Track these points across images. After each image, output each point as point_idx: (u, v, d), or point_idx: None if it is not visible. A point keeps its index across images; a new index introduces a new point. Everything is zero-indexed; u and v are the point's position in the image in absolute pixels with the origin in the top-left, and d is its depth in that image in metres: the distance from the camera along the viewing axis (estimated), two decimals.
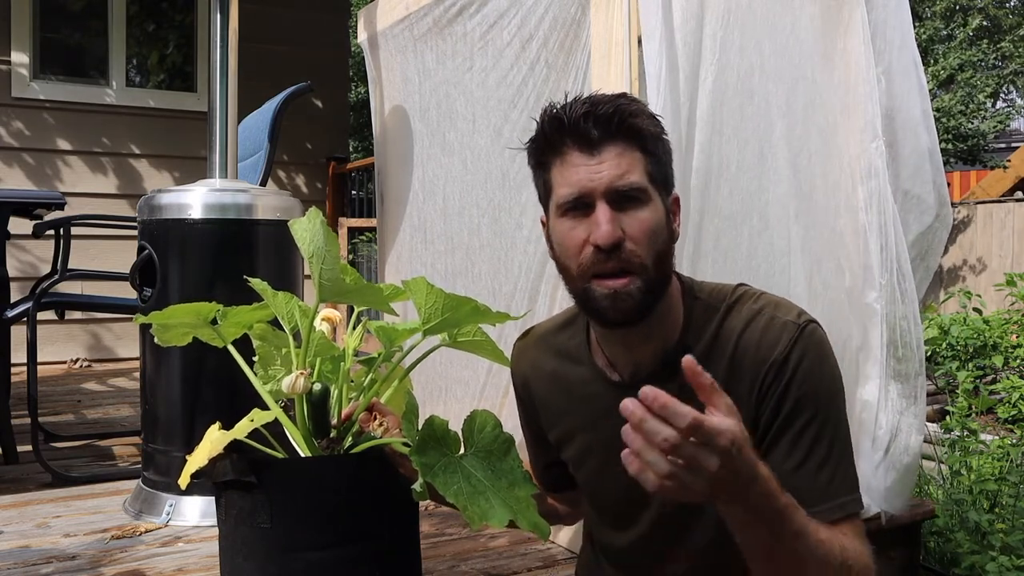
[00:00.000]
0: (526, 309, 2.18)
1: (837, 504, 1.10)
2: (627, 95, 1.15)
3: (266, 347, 1.38)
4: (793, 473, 1.10)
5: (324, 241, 1.21)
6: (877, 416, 1.91)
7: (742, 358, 1.14)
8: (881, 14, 1.96)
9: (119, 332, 4.84)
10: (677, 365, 1.15)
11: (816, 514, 1.08)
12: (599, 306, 1.12)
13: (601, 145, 1.10)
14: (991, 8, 12.76)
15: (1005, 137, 14.10)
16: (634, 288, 1.09)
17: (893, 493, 1.94)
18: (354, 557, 1.26)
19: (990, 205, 9.18)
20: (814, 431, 1.11)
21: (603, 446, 1.25)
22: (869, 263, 1.87)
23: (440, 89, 2.68)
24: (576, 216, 1.12)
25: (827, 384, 1.14)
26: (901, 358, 1.90)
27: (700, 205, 1.86)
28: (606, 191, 1.09)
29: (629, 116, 1.11)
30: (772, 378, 1.12)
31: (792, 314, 1.15)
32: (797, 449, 1.11)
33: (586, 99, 1.13)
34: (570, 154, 1.12)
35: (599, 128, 1.10)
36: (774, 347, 1.12)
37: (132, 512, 2.26)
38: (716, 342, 1.16)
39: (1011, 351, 5.27)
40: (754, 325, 1.15)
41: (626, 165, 1.10)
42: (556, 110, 1.13)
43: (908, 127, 1.97)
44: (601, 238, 1.08)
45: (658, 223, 1.12)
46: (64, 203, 2.85)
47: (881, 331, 1.87)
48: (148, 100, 5.06)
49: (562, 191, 1.13)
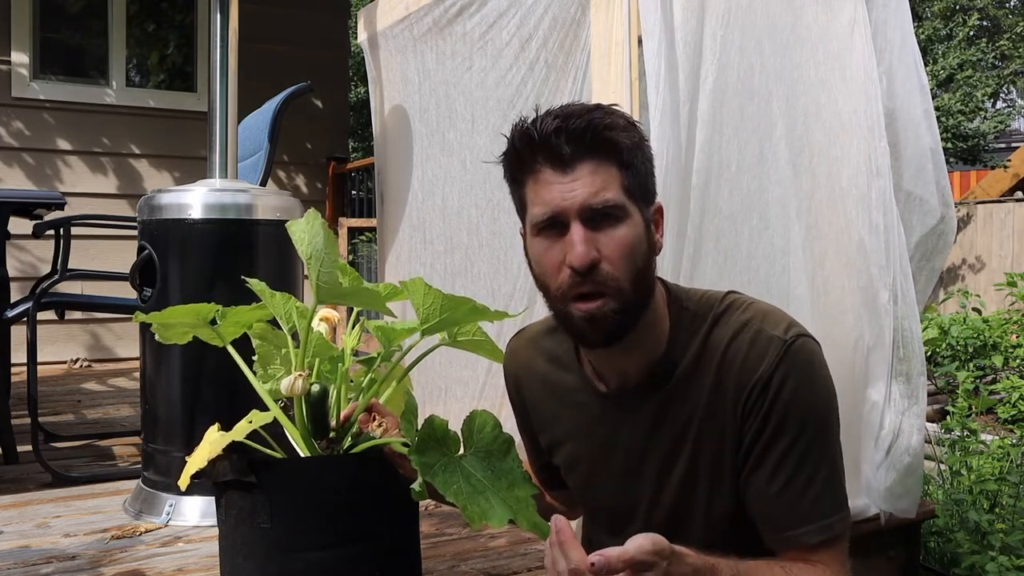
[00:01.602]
0: (524, 308, 2.18)
1: (821, 526, 1.09)
2: (601, 106, 1.10)
3: (265, 346, 1.38)
4: (776, 497, 1.09)
5: (322, 243, 1.20)
6: (882, 416, 1.90)
7: (728, 372, 1.12)
8: (881, 14, 1.96)
9: (119, 332, 4.84)
10: (662, 377, 1.15)
11: (799, 536, 1.09)
12: (577, 328, 1.10)
13: (574, 162, 1.06)
14: (990, 8, 12.75)
15: (1005, 137, 14.09)
16: (609, 310, 1.07)
17: (895, 494, 1.94)
18: (354, 557, 1.26)
19: (990, 205, 9.18)
20: (799, 452, 1.09)
21: (591, 455, 1.25)
22: (882, 262, 1.87)
23: (440, 89, 2.68)
24: (551, 236, 1.08)
25: (815, 403, 1.11)
26: (903, 358, 1.90)
27: (701, 205, 1.86)
28: (580, 210, 1.05)
29: (603, 130, 1.06)
30: (756, 396, 1.09)
31: (780, 328, 1.12)
32: (780, 471, 1.09)
33: (557, 113, 1.08)
34: (542, 172, 1.08)
35: (571, 144, 1.06)
36: (759, 365, 1.10)
37: (132, 512, 2.26)
38: (704, 353, 1.14)
39: (1011, 351, 5.27)
40: (740, 339, 1.12)
41: (600, 182, 1.06)
42: (526, 126, 1.09)
43: (910, 127, 1.97)
44: (576, 260, 1.05)
45: (636, 239, 1.08)
46: (64, 203, 2.85)
47: (891, 331, 1.88)
48: (148, 100, 5.06)
49: (536, 210, 1.09)
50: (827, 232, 1.95)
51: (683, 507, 1.18)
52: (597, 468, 1.24)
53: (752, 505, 1.13)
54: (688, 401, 1.15)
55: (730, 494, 1.15)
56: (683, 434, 1.15)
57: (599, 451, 1.23)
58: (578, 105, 1.10)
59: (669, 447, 1.16)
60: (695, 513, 1.17)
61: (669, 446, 1.16)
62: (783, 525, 1.10)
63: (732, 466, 1.14)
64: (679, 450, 1.16)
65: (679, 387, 1.15)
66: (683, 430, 1.15)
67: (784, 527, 1.10)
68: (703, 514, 1.17)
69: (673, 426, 1.16)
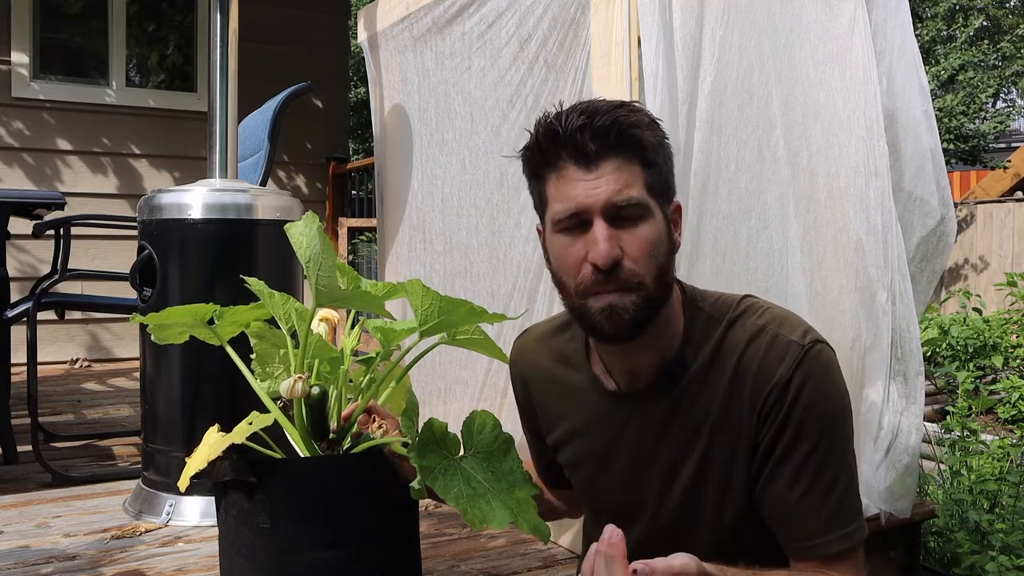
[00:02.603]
0: (524, 308, 2.18)
1: (841, 535, 1.08)
2: (627, 104, 1.10)
3: (264, 345, 1.38)
4: (797, 504, 1.09)
5: (320, 247, 1.20)
6: (881, 416, 1.90)
7: (744, 376, 1.11)
8: (881, 13, 1.96)
9: (119, 332, 4.84)
10: (674, 376, 1.15)
11: (818, 545, 1.08)
12: (594, 320, 1.09)
13: (598, 159, 1.05)
14: (991, 8, 12.76)
15: (1005, 137, 14.09)
16: (630, 303, 1.06)
17: (895, 494, 1.94)
18: (354, 557, 1.26)
19: (990, 205, 9.18)
20: (818, 460, 1.08)
21: (596, 455, 1.24)
22: (880, 263, 1.87)
23: (439, 89, 2.68)
24: (573, 233, 1.08)
25: (832, 409, 1.10)
26: (901, 358, 1.90)
27: (699, 205, 1.86)
28: (604, 208, 1.05)
29: (628, 127, 1.06)
30: (774, 401, 1.09)
31: (797, 333, 1.11)
32: (801, 479, 1.08)
33: (583, 108, 1.07)
34: (566, 168, 1.07)
35: (596, 141, 1.05)
36: (776, 369, 1.09)
37: (132, 512, 2.26)
38: (718, 356, 1.13)
39: (1011, 351, 5.27)
40: (757, 343, 1.11)
41: (624, 180, 1.05)
42: (551, 120, 1.08)
43: (909, 127, 1.97)
44: (599, 258, 1.04)
45: (658, 237, 1.08)
46: (64, 203, 2.85)
47: (889, 331, 1.87)
48: (148, 100, 5.06)
49: (558, 207, 1.09)
50: (825, 232, 1.95)
51: (691, 509, 1.17)
52: (602, 467, 1.24)
53: (771, 513, 1.12)
54: (700, 403, 1.14)
55: (741, 498, 1.14)
56: (694, 436, 1.14)
57: (605, 450, 1.23)
58: (603, 102, 1.09)
59: (679, 448, 1.15)
60: (704, 516, 1.16)
61: (679, 447, 1.15)
62: (805, 534, 1.09)
63: (745, 470, 1.13)
64: (689, 452, 1.15)
65: (691, 388, 1.14)
66: (694, 432, 1.14)
67: (806, 536, 1.09)
68: (712, 517, 1.16)
69: (683, 427, 1.15)
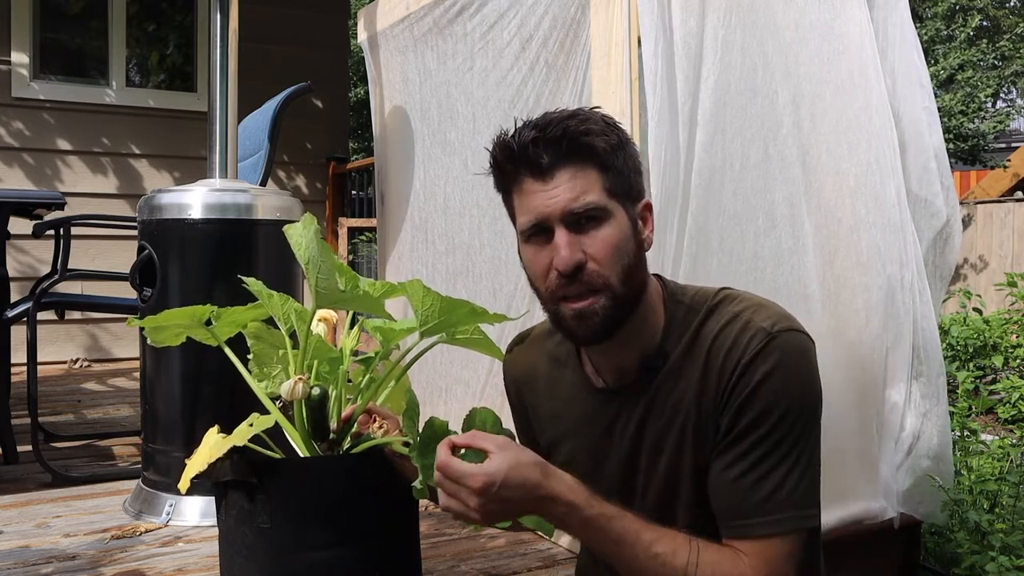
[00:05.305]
0: (526, 308, 2.17)
1: (767, 521, 1.08)
2: (579, 112, 1.14)
3: (261, 346, 1.38)
4: (732, 484, 1.10)
5: (318, 249, 1.21)
6: (903, 418, 1.89)
7: (713, 361, 1.13)
8: (882, 12, 1.96)
9: (119, 332, 4.83)
10: (655, 370, 1.16)
11: (740, 526, 1.09)
12: (568, 325, 1.13)
13: (553, 170, 1.11)
14: (991, 8, 12.75)
15: (1005, 137, 14.09)
16: (599, 307, 1.10)
17: (915, 498, 1.92)
18: (354, 557, 1.26)
19: (990, 205, 9.17)
20: (766, 447, 1.09)
21: (587, 454, 1.26)
22: (899, 261, 1.86)
23: (441, 89, 2.68)
24: (539, 242, 1.13)
25: (792, 397, 1.10)
26: (922, 359, 1.89)
27: (704, 204, 1.85)
28: (562, 215, 1.10)
29: (579, 136, 1.10)
30: (734, 384, 1.10)
31: (768, 321, 1.12)
32: (742, 461, 1.10)
33: (535, 123, 1.13)
34: (524, 181, 1.13)
35: (549, 153, 1.10)
36: (742, 354, 1.11)
37: (132, 512, 2.26)
38: (693, 345, 1.16)
39: (1011, 351, 5.26)
40: (729, 329, 1.13)
41: (580, 186, 1.10)
42: (506, 139, 1.14)
43: (912, 126, 1.96)
44: (561, 264, 1.09)
45: (622, 238, 1.11)
46: (64, 203, 2.85)
47: (911, 331, 1.86)
48: (148, 100, 5.05)
49: (522, 219, 1.15)
50: (837, 231, 1.94)
51: (668, 495, 1.19)
52: (595, 464, 1.25)
53: (710, 491, 1.14)
54: (676, 393, 1.16)
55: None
56: (670, 422, 1.17)
57: (597, 447, 1.25)
58: (555, 113, 1.14)
59: (658, 435, 1.18)
60: (679, 500, 1.18)
61: (658, 434, 1.18)
62: (732, 513, 1.10)
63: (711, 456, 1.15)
64: (666, 437, 1.18)
65: (668, 380, 1.17)
66: (671, 419, 1.17)
67: (733, 515, 1.10)
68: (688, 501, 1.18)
69: (662, 415, 1.18)
